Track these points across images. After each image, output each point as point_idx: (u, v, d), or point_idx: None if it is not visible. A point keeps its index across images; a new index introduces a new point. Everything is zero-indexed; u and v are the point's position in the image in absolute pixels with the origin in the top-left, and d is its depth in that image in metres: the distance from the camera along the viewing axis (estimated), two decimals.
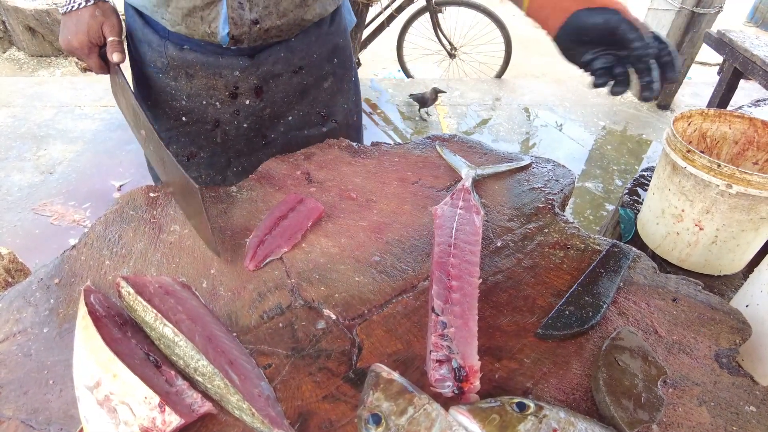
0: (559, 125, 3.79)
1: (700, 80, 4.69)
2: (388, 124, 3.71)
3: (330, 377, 0.69)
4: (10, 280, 1.38)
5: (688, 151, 1.15)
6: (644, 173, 1.69)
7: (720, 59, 2.89)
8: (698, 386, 0.70)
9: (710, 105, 2.89)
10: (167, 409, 0.56)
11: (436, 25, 4.00)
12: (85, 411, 0.58)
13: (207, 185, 1.12)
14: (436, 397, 0.62)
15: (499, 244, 0.93)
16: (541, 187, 1.09)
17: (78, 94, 3.71)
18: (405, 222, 0.97)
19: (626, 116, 3.97)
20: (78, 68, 1.08)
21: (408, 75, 4.42)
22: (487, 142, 1.63)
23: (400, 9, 3.99)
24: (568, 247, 0.93)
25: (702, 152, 1.16)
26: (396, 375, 0.62)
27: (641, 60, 0.73)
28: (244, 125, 1.16)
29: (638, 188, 1.63)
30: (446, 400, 0.64)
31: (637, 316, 0.80)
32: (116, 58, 0.99)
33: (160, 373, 0.64)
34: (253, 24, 0.99)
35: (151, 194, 1.00)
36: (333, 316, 0.78)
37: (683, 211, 1.21)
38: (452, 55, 4.30)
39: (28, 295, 0.79)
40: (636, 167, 3.35)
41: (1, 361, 0.70)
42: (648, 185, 1.47)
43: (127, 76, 1.04)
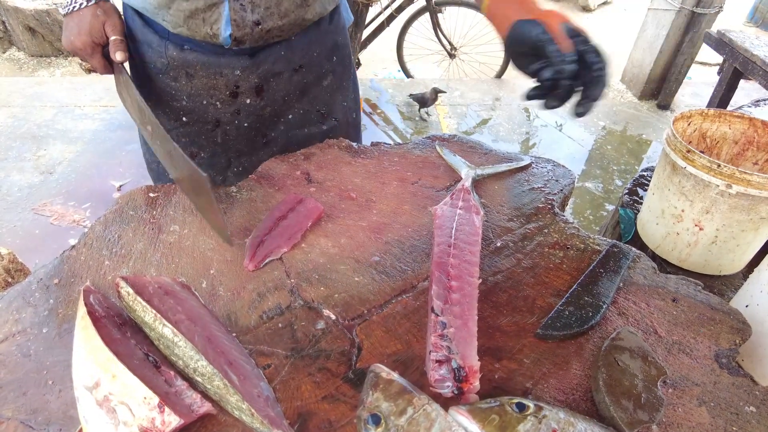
0: (559, 125, 3.80)
1: (700, 80, 4.69)
2: (388, 124, 3.71)
3: (329, 377, 0.69)
4: (9, 280, 1.38)
5: (688, 151, 1.15)
6: (644, 173, 1.69)
7: (720, 59, 2.89)
8: (698, 386, 0.70)
9: (710, 105, 2.89)
10: (166, 409, 0.56)
11: (436, 25, 4.00)
12: (84, 411, 0.58)
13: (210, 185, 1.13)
14: (435, 397, 0.62)
15: (498, 244, 0.93)
16: (541, 187, 1.09)
17: (78, 94, 3.71)
18: (405, 222, 0.97)
19: (626, 116, 3.97)
20: (82, 69, 1.07)
21: (408, 75, 4.42)
22: (487, 142, 1.63)
23: (400, 9, 3.99)
24: (568, 248, 0.93)
25: (702, 152, 1.16)
26: (395, 375, 0.62)
27: (559, 75, 0.72)
28: (245, 124, 1.15)
29: (638, 188, 1.63)
30: (446, 400, 0.64)
31: (637, 317, 0.80)
32: (119, 57, 0.98)
33: (159, 373, 0.64)
34: (255, 25, 0.99)
35: (151, 194, 1.00)
36: (332, 316, 0.78)
37: (683, 211, 1.21)
38: (452, 55, 4.30)
39: (27, 296, 0.79)
40: (636, 167, 3.35)
41: (0, 362, 0.70)
42: (648, 185, 1.47)
43: None
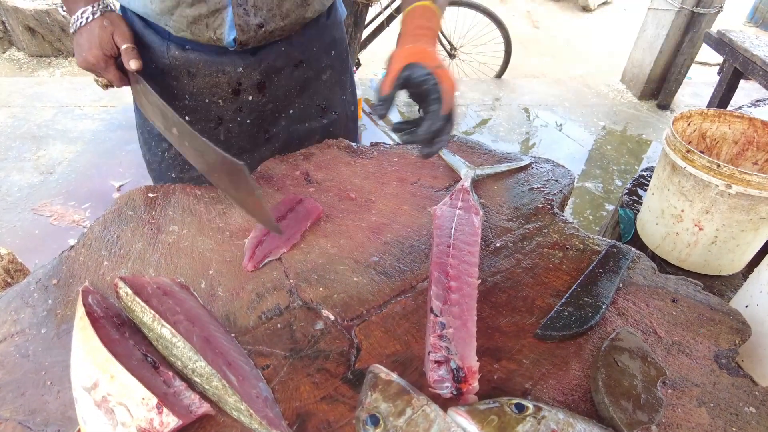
0: (559, 125, 3.79)
1: (700, 80, 4.69)
2: (388, 124, 3.71)
3: (328, 378, 0.68)
4: (9, 280, 1.38)
5: (688, 152, 1.15)
6: (644, 173, 1.69)
7: (720, 59, 2.89)
8: (698, 387, 0.70)
9: (710, 105, 2.89)
10: (165, 410, 0.56)
11: None
12: (82, 412, 0.58)
13: (210, 185, 1.13)
14: (434, 398, 0.62)
15: (498, 244, 0.93)
16: (541, 187, 1.08)
17: (78, 94, 3.71)
18: (404, 222, 0.97)
19: (626, 116, 3.97)
20: (99, 85, 1.05)
21: None
22: (487, 142, 1.63)
23: (399, 9, 3.99)
24: (567, 248, 0.93)
25: (702, 152, 1.16)
26: (394, 376, 0.62)
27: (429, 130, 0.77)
28: (247, 121, 1.16)
29: (638, 188, 1.63)
30: (445, 401, 0.64)
31: (637, 317, 0.80)
32: (134, 65, 0.96)
33: (158, 374, 0.64)
34: (258, 28, 1.00)
35: (150, 195, 1.00)
36: (331, 316, 0.78)
37: (683, 211, 1.21)
38: (452, 55, 4.29)
39: (26, 296, 0.79)
40: (636, 167, 3.35)
41: None
42: (648, 185, 1.46)
43: None
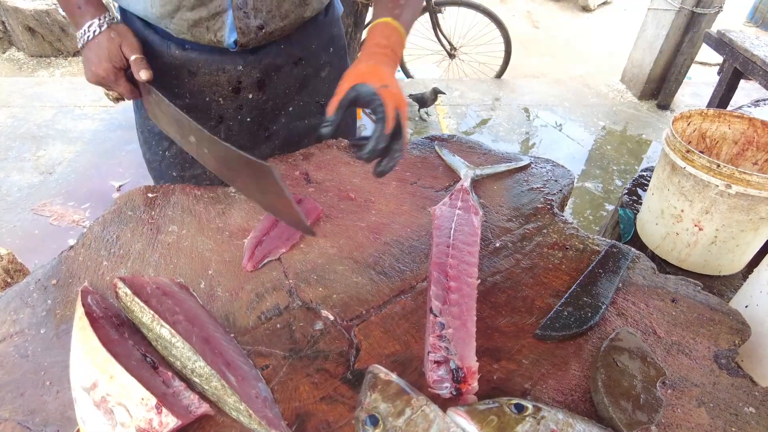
0: (559, 125, 3.79)
1: (700, 80, 4.68)
2: None
3: (328, 378, 0.68)
4: (9, 280, 1.38)
5: (688, 151, 1.15)
6: (644, 173, 1.69)
7: (720, 59, 2.88)
8: (697, 387, 0.70)
9: (710, 105, 2.89)
10: (164, 410, 0.56)
11: (435, 25, 4.00)
12: (81, 412, 0.58)
13: (211, 185, 1.12)
14: (434, 398, 0.62)
15: (497, 244, 0.93)
16: (540, 187, 1.08)
17: (78, 94, 3.71)
18: (403, 222, 0.97)
19: (626, 116, 3.97)
20: (110, 99, 1.03)
21: (408, 75, 4.41)
22: (487, 142, 1.63)
23: None
24: (567, 248, 0.93)
25: (701, 152, 1.16)
26: (394, 376, 0.62)
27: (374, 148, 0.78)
28: (248, 119, 1.16)
29: (638, 188, 1.63)
30: (444, 401, 0.64)
31: (636, 317, 0.80)
32: (144, 75, 0.94)
33: (157, 374, 0.64)
34: (258, 30, 1.01)
35: (149, 195, 1.00)
36: (331, 317, 0.77)
37: (682, 211, 1.21)
38: (452, 55, 4.29)
39: (25, 296, 0.79)
40: (636, 167, 3.34)
41: None
42: (647, 185, 1.46)
43: None
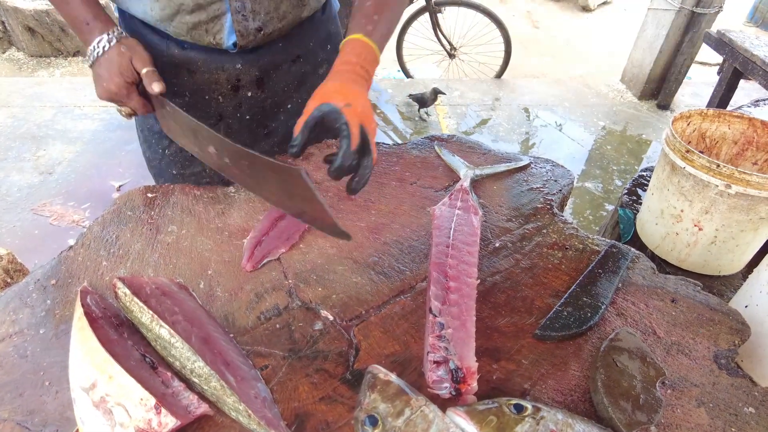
0: (559, 125, 3.79)
1: (700, 80, 4.68)
2: (388, 125, 3.71)
3: (327, 378, 0.68)
4: (9, 280, 1.38)
5: (687, 151, 1.15)
6: (643, 173, 1.69)
7: (720, 59, 2.88)
8: (697, 387, 0.70)
9: (710, 105, 2.89)
10: (163, 410, 0.56)
11: (435, 25, 4.00)
12: (80, 413, 0.58)
13: (211, 184, 1.12)
14: (433, 398, 0.62)
15: (497, 244, 0.93)
16: (540, 187, 1.08)
17: (77, 94, 3.71)
18: (403, 222, 0.97)
19: (626, 116, 3.97)
20: (122, 116, 1.01)
21: (408, 75, 4.41)
22: (487, 142, 1.62)
23: None
24: (567, 248, 0.93)
25: (701, 152, 1.16)
26: (393, 376, 0.61)
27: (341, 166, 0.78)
28: (247, 117, 1.17)
29: (637, 188, 1.63)
30: (443, 401, 0.64)
31: (636, 317, 0.80)
32: (157, 88, 0.92)
33: (156, 374, 0.64)
34: (257, 32, 1.02)
35: (149, 195, 1.00)
36: (330, 317, 0.77)
37: (682, 211, 1.21)
38: (452, 56, 4.29)
39: (24, 296, 0.79)
40: (636, 167, 3.34)
41: None
42: (647, 185, 1.46)
43: None
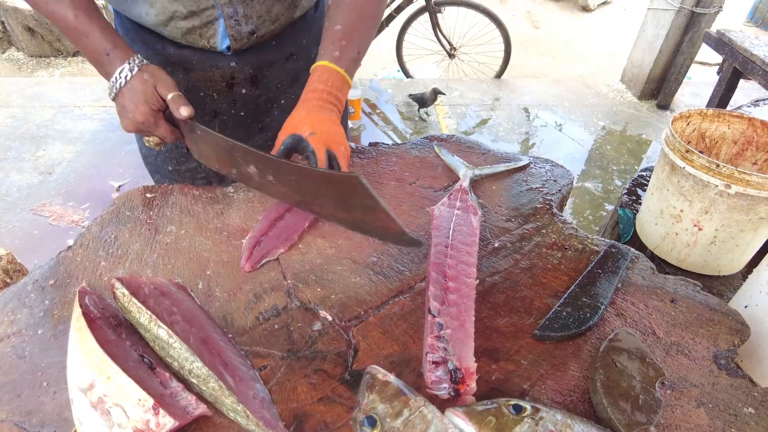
0: (559, 125, 3.79)
1: (700, 80, 4.68)
2: (388, 125, 3.71)
3: (326, 379, 0.68)
4: (8, 281, 1.38)
5: (687, 151, 1.14)
6: (643, 173, 1.69)
7: (720, 59, 2.88)
8: (696, 388, 0.70)
9: (710, 105, 2.89)
10: (161, 411, 0.56)
11: (435, 25, 4.00)
12: (78, 413, 0.58)
13: (208, 184, 1.12)
14: (432, 399, 0.62)
15: (496, 244, 0.93)
16: (539, 187, 1.08)
17: (77, 94, 3.71)
18: (402, 222, 0.97)
19: (626, 116, 3.97)
20: (150, 145, 0.97)
21: (407, 75, 4.41)
22: (487, 142, 1.63)
23: (399, 9, 3.99)
24: (566, 248, 0.93)
25: (701, 152, 1.15)
26: (392, 377, 0.61)
27: None
28: (241, 113, 1.18)
29: (637, 188, 1.63)
30: (442, 402, 0.63)
31: (635, 317, 0.80)
32: (185, 112, 0.89)
33: (154, 375, 0.63)
34: (250, 35, 1.03)
35: (148, 195, 1.00)
36: (329, 317, 0.77)
37: (682, 211, 1.21)
38: (452, 56, 4.29)
39: (23, 297, 0.79)
40: (635, 167, 3.34)
41: None
42: (647, 185, 1.46)
43: None
